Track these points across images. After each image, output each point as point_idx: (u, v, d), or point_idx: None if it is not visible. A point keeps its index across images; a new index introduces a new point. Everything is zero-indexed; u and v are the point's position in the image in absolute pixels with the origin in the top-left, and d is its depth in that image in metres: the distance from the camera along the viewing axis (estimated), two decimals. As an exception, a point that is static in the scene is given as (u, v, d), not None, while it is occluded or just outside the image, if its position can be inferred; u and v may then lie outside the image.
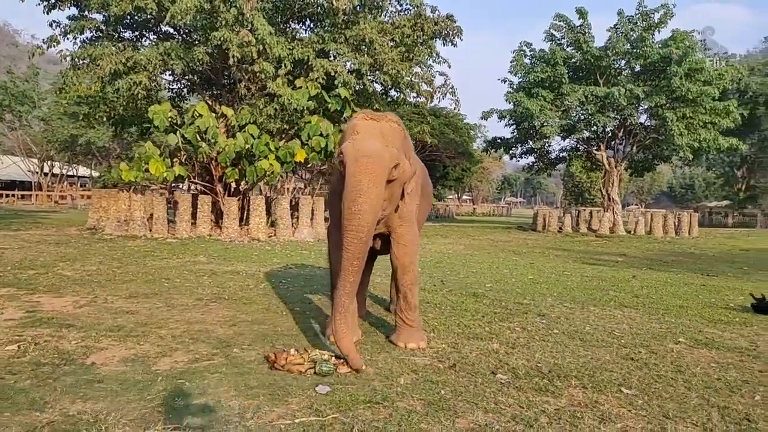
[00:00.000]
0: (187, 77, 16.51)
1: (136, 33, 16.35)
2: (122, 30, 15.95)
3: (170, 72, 15.62)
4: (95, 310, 5.40)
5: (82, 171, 46.95)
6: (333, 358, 3.82)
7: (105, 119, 16.52)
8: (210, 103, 15.75)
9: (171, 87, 17.65)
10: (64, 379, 3.37)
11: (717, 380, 3.82)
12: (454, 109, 18.30)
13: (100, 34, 15.50)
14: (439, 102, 24.94)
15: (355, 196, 3.82)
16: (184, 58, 13.89)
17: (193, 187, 18.84)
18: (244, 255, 10.93)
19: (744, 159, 34.59)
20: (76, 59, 14.37)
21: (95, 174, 41.32)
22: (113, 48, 14.02)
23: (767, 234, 26.67)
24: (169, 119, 13.81)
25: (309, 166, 16.04)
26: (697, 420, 3.06)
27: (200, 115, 13.77)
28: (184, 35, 16.10)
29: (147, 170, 13.74)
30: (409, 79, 16.28)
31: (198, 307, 5.73)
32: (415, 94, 17.48)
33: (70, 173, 45.99)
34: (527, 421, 2.93)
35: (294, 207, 15.76)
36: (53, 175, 44.16)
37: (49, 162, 41.73)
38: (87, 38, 15.62)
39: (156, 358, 3.89)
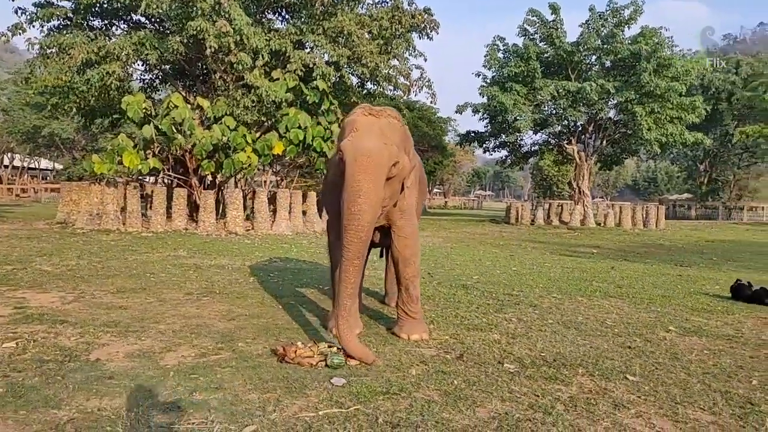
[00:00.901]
0: (159, 67, 16.16)
1: (106, 22, 15.91)
2: (91, 18, 15.50)
3: (143, 62, 15.26)
4: (85, 306, 5.28)
5: (45, 163, 45.57)
6: (341, 351, 3.82)
7: (74, 110, 16.04)
8: (184, 94, 15.47)
9: (143, 77, 17.27)
10: (73, 375, 3.29)
11: (713, 366, 3.96)
12: (431, 102, 18.34)
13: (69, 23, 15.05)
14: (416, 95, 24.98)
15: (355, 197, 3.81)
16: (158, 48, 13.59)
17: (162, 179, 18.52)
18: (224, 249, 10.80)
19: (707, 153, 35.68)
20: (45, 48, 13.92)
21: (59, 166, 40.13)
22: (84, 37, 13.63)
23: (728, 226, 27.59)
24: (144, 110, 13.50)
25: (287, 159, 15.88)
26: (703, 405, 3.17)
27: (176, 107, 13.52)
28: (156, 24, 15.76)
29: (121, 163, 13.43)
30: (386, 72, 16.28)
31: (190, 302, 5.66)
32: (392, 88, 17.48)
33: (31, 166, 44.59)
34: (545, 408, 3.00)
35: (271, 200, 15.62)
36: (14, 167, 42.75)
37: (9, 154, 40.36)
38: (54, 26, 15.15)
39: (161, 353, 3.83)
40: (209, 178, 15.42)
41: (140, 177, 17.97)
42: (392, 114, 4.25)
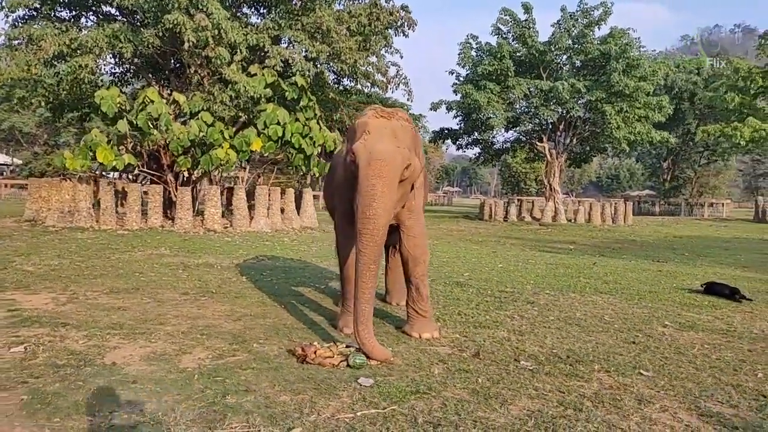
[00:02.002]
0: (131, 61, 15.74)
1: (75, 13, 15.42)
2: (59, 9, 15.00)
3: (116, 56, 14.87)
4: (82, 308, 5.13)
5: (2, 158, 43.91)
6: (361, 351, 3.82)
7: (42, 104, 15.50)
8: (157, 88, 15.12)
9: (113, 71, 16.80)
10: (94, 381, 3.21)
11: (717, 360, 4.10)
12: (408, 99, 18.40)
13: (36, 13, 14.54)
14: (393, 92, 25.02)
15: (370, 201, 3.82)
16: (133, 41, 13.25)
17: (127, 176, 18.05)
18: (206, 247, 10.63)
19: (670, 151, 36.74)
20: (12, 39, 13.41)
21: (18, 161, 38.73)
22: (53, 28, 13.18)
23: (692, 222, 28.49)
24: (118, 105, 13.14)
25: (266, 155, 15.70)
26: (721, 398, 3.28)
27: (151, 101, 13.19)
28: (128, 17, 15.35)
29: (94, 158, 13.07)
30: (365, 68, 16.26)
31: (189, 302, 5.56)
32: (369, 84, 17.46)
33: (-13, 161, 42.89)
34: (574, 405, 3.06)
35: (248, 197, 15.42)
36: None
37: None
38: (21, 17, 14.62)
39: (176, 355, 3.76)
40: (186, 174, 15.11)
41: (104, 173, 17.54)
42: (403, 116, 4.27)
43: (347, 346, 3.89)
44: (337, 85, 18.73)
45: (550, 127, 24.55)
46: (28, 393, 2.98)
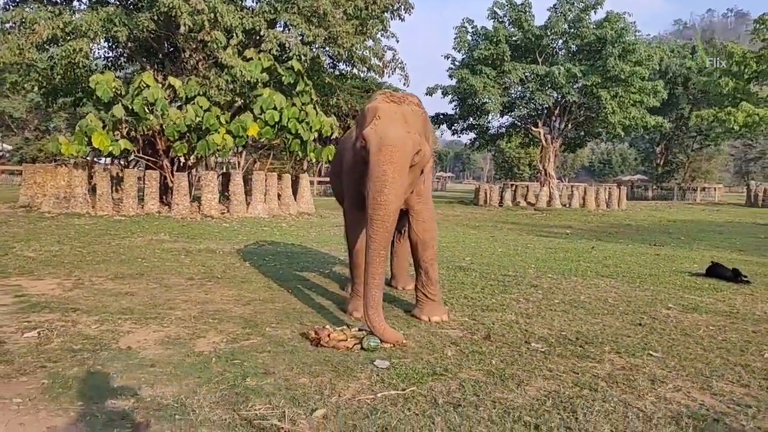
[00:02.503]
0: (125, 45, 15.55)
1: (66, -5, 15.19)
2: (51, -9, 14.77)
3: (110, 39, 14.68)
4: (89, 293, 5.13)
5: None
6: (373, 334, 3.85)
7: (36, 88, 15.31)
8: (152, 73, 14.96)
9: (107, 55, 16.60)
10: (112, 365, 3.22)
11: (723, 341, 4.16)
12: (404, 84, 18.31)
13: (26, -4, 14.32)
14: (389, 77, 24.93)
15: (381, 187, 3.82)
16: (127, 25, 13.08)
17: (119, 161, 17.92)
18: (205, 232, 10.62)
19: (663, 136, 36.86)
20: (4, 22, 13.21)
21: (8, 147, 38.31)
22: (46, 12, 12.98)
23: (685, 206, 28.69)
24: (113, 90, 13.01)
25: (262, 141, 15.61)
26: (731, 378, 3.34)
27: (147, 86, 13.07)
28: (122, 0, 15.14)
29: (90, 144, 12.96)
30: (361, 53, 16.15)
31: (196, 287, 5.57)
32: (366, 69, 17.36)
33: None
34: (589, 385, 3.11)
35: (244, 183, 15.36)
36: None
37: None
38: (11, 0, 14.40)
39: (191, 339, 3.77)
40: (182, 159, 15.02)
41: (96, 158, 17.39)
42: (414, 100, 4.26)
43: (360, 330, 3.92)
44: (332, 70, 18.61)
45: (546, 112, 24.57)
46: (48, 377, 2.99)
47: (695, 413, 2.78)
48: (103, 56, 16.62)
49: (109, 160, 19.83)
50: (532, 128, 24.95)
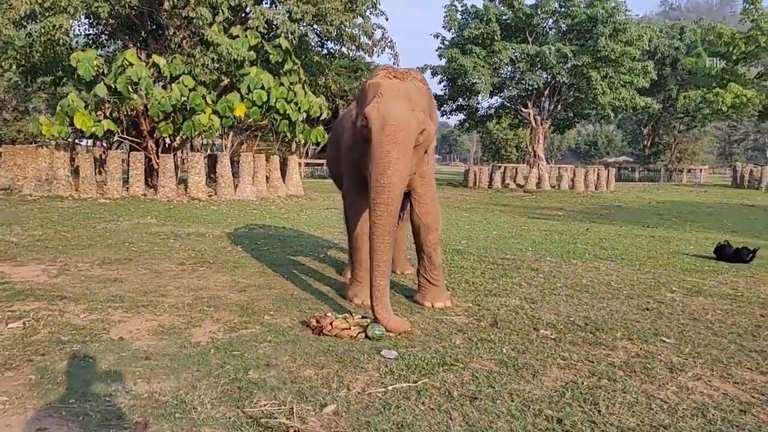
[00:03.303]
0: (107, 21, 15.05)
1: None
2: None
3: (89, 16, 14.20)
4: (76, 280, 4.91)
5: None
6: (378, 322, 3.70)
7: (14, 67, 14.79)
8: (135, 51, 14.51)
9: (87, 32, 16.08)
10: (104, 357, 3.03)
11: (733, 326, 4.07)
12: (394, 64, 18.00)
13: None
14: (378, 56, 24.57)
15: (384, 168, 3.64)
16: (109, 0, 12.64)
17: (100, 143, 17.48)
18: (193, 216, 10.37)
19: (651, 117, 36.91)
20: (-21, -3, 12.68)
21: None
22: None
23: (672, 187, 28.83)
24: (96, 68, 12.59)
25: (250, 121, 15.27)
26: (749, 365, 3.24)
27: (130, 64, 12.66)
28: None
29: (72, 124, 12.57)
30: (351, 30, 15.81)
31: (187, 273, 5.37)
32: (355, 48, 17.03)
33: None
34: (607, 375, 2.99)
35: (232, 164, 15.08)
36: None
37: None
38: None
39: (186, 329, 3.59)
40: (167, 141, 14.66)
41: (77, 140, 16.94)
42: (417, 76, 4.05)
43: (363, 317, 3.76)
44: (321, 49, 18.26)
45: (535, 92, 24.39)
46: (36, 372, 2.79)
47: (720, 404, 2.67)
48: (83, 33, 16.11)
49: (91, 141, 19.39)
50: (522, 109, 24.79)
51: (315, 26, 15.38)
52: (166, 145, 14.88)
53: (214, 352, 3.15)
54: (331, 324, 3.58)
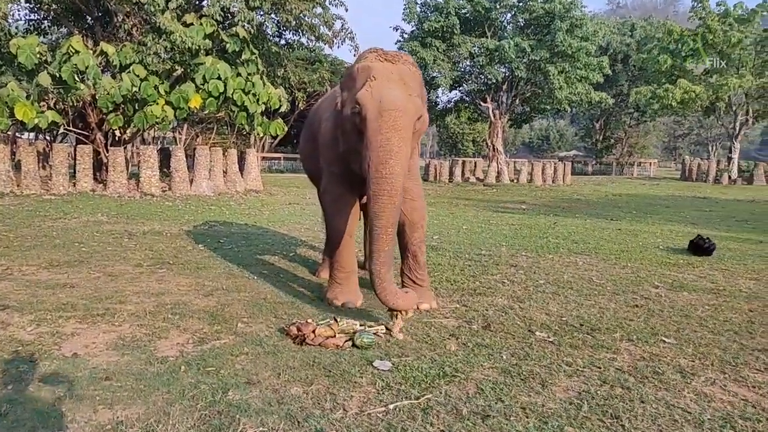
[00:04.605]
0: (49, 6, 14.11)
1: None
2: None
3: (31, 0, 13.28)
4: (20, 285, 4.41)
5: None
6: (364, 326, 3.41)
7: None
8: (81, 38, 13.66)
9: (29, 18, 15.06)
10: (57, 379, 2.62)
11: (726, 322, 3.95)
12: (354, 56, 17.67)
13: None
14: (338, 47, 24.10)
15: (386, 158, 3.35)
16: (51, -17, 11.82)
17: (43, 136, 16.50)
18: (147, 212, 9.80)
19: (603, 112, 37.67)
20: None
21: None
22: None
23: (624, 180, 29.49)
24: (38, 55, 11.76)
25: (206, 113, 14.62)
26: (757, 366, 3.10)
27: (76, 52, 11.86)
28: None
29: (12, 116, 11.70)
30: (310, 20, 15.36)
31: (146, 276, 4.93)
32: (314, 38, 16.57)
33: None
34: (620, 383, 2.78)
35: (187, 158, 14.41)
36: None
37: None
38: None
39: (150, 341, 3.20)
40: (118, 133, 13.88)
41: (17, 133, 15.90)
42: (408, 59, 3.78)
43: (348, 323, 3.45)
44: (279, 39, 17.70)
45: (494, 87, 24.42)
46: (-26, 401, 2.38)
47: (744, 412, 2.49)
48: (24, 18, 15.10)
49: (34, 134, 18.29)
50: (481, 103, 24.76)
51: (273, 15, 14.83)
52: (116, 138, 14.09)
53: (186, 369, 2.78)
54: (313, 332, 3.26)
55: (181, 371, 2.76)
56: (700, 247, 6.90)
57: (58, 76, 11.77)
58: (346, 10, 17.50)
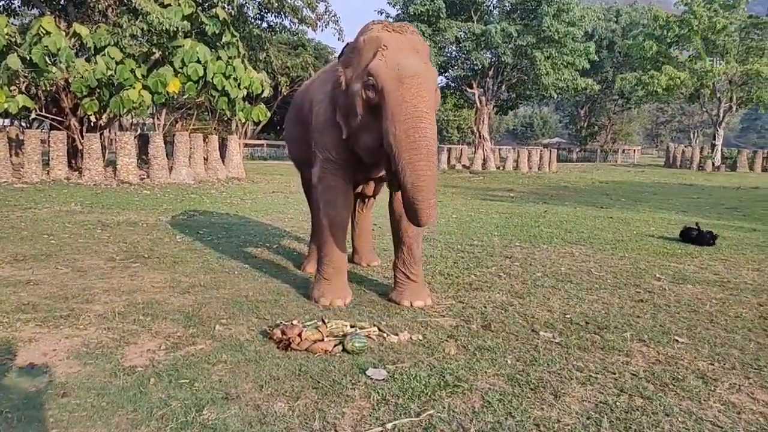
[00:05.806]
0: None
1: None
2: None
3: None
4: (-22, 283, 4.05)
5: None
6: (355, 327, 3.12)
7: None
8: (53, 19, 13.07)
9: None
10: (7, 396, 2.30)
11: (737, 319, 3.73)
12: (338, 39, 17.24)
13: None
14: (322, 31, 23.59)
15: (416, 122, 3.11)
16: (19, -40, 11.22)
17: (17, 121, 15.94)
18: (123, 201, 9.39)
19: (588, 99, 37.60)
20: None
21: None
22: None
23: (609, 167, 29.49)
24: (6, 37, 11.18)
25: (185, 98, 14.13)
26: (780, 367, 2.88)
27: (47, 33, 11.30)
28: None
29: (-21, 100, 11.14)
30: (293, 2, 14.89)
31: (118, 271, 4.58)
32: (297, 21, 16.10)
33: None
34: (638, 391, 2.52)
35: (166, 145, 13.93)
36: None
37: None
38: None
39: (117, 348, 2.88)
40: (93, 119, 13.34)
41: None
42: (414, 30, 3.55)
43: (337, 324, 3.16)
44: (260, 22, 17.19)
45: (480, 73, 24.11)
46: None
47: (780, 426, 2.25)
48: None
49: (4, 120, 17.65)
50: (467, 89, 24.48)
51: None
52: (92, 124, 13.54)
53: (155, 382, 2.47)
54: (299, 335, 2.96)
55: (150, 384, 2.44)
56: (690, 236, 6.72)
57: (28, 58, 11.22)
58: (330, -8, 17.05)
